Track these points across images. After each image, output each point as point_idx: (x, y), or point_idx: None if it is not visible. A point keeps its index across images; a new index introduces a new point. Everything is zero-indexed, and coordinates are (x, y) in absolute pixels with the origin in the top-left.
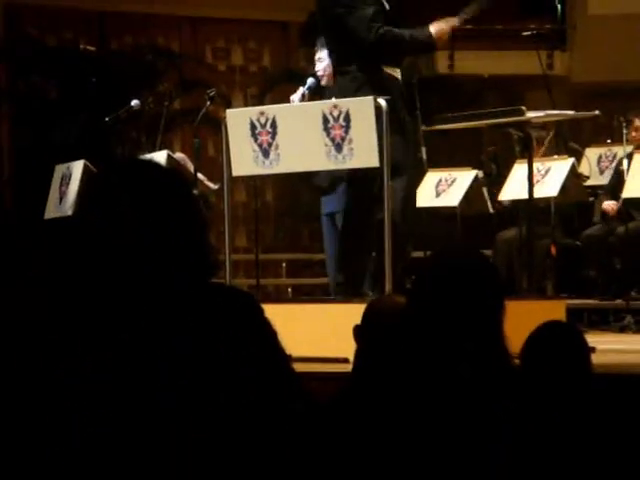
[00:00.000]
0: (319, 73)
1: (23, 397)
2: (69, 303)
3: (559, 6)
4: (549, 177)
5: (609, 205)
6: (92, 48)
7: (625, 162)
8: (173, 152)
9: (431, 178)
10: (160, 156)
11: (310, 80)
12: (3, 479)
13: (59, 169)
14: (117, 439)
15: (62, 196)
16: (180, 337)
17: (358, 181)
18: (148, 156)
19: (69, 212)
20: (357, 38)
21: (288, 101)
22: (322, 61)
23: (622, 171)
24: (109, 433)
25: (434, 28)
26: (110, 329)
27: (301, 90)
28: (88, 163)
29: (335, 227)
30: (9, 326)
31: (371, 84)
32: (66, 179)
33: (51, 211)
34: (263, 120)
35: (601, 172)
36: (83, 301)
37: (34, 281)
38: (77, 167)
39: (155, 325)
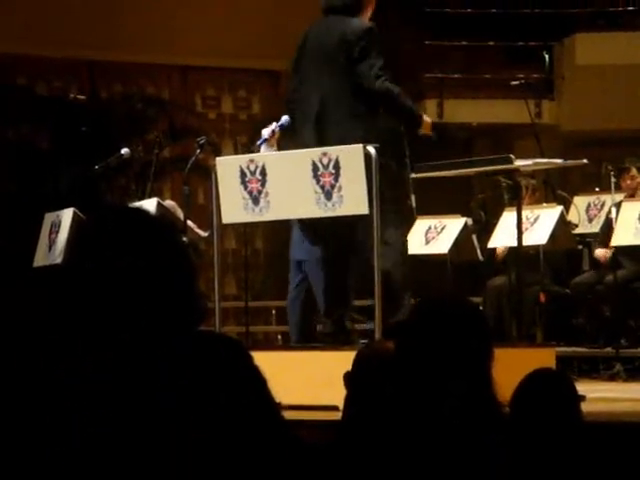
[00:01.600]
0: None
1: (23, 398)
2: (58, 349)
3: (547, 56)
4: (538, 225)
5: (601, 252)
6: (82, 97)
7: (614, 210)
8: (163, 200)
9: (421, 225)
10: (150, 204)
11: (284, 118)
12: (3, 479)
13: (48, 217)
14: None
15: (51, 244)
16: (167, 386)
17: (339, 229)
18: (138, 204)
19: (58, 260)
20: (361, 83)
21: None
22: None
23: (611, 219)
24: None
25: (424, 115)
26: (95, 378)
27: (273, 125)
28: (77, 211)
29: (302, 274)
30: (8, 329)
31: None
32: (55, 227)
33: (40, 259)
34: (253, 168)
35: (590, 220)
36: (69, 350)
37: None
38: (66, 215)
39: (142, 373)
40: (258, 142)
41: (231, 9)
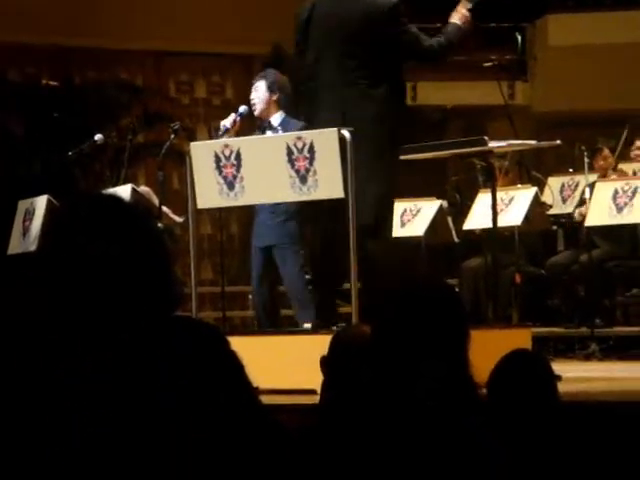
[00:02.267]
0: (253, 101)
1: (22, 398)
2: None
3: (519, 37)
4: (513, 206)
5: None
6: (55, 83)
7: (587, 191)
8: (137, 186)
9: (396, 208)
10: (124, 190)
11: (243, 107)
12: (3, 479)
13: (22, 204)
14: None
15: (25, 231)
16: (143, 371)
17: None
18: (112, 190)
19: (32, 247)
20: (417, 51)
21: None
22: (257, 90)
23: (585, 200)
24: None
25: (457, 19)
26: (71, 364)
27: (233, 116)
28: (52, 198)
29: (269, 260)
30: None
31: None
32: (29, 214)
33: (14, 246)
34: (227, 153)
35: (564, 201)
36: (44, 336)
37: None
38: (40, 202)
39: (118, 360)
40: (220, 132)
41: None
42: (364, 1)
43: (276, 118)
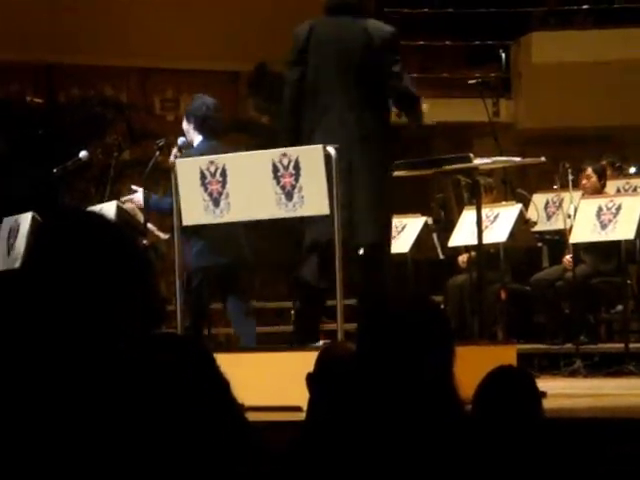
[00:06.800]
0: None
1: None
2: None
3: (503, 55)
4: (498, 223)
5: (567, 259)
6: (39, 100)
7: (572, 208)
8: (123, 203)
9: None
10: (110, 207)
11: (181, 140)
12: (3, 479)
13: (7, 222)
14: None
15: (10, 249)
16: (127, 389)
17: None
18: (97, 207)
19: (17, 265)
20: (402, 82)
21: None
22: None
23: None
24: None
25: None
26: (57, 379)
27: (174, 150)
28: (36, 215)
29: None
30: None
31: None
32: (14, 232)
33: None
34: (213, 169)
35: (548, 217)
36: (28, 352)
37: None
38: (25, 220)
39: (101, 378)
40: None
41: (188, 11)
42: (363, 26)
43: (197, 143)
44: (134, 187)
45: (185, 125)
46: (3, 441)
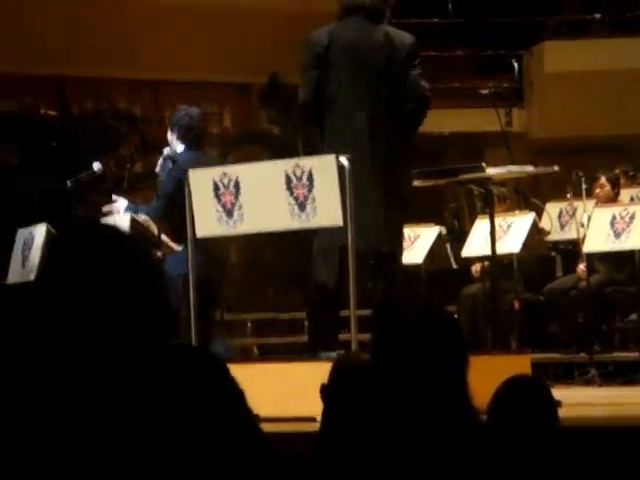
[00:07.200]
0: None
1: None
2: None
3: (516, 64)
4: (511, 233)
5: (581, 269)
6: (53, 113)
7: (585, 217)
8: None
9: None
10: (124, 219)
11: (166, 150)
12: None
13: (21, 233)
14: None
15: (25, 260)
16: (142, 399)
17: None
18: (111, 219)
19: (32, 276)
20: (419, 90)
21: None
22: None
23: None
24: None
25: None
26: (73, 391)
27: (160, 160)
28: (50, 227)
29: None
30: None
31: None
32: (28, 243)
33: (14, 275)
34: (226, 181)
35: (562, 227)
36: (44, 363)
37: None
38: (39, 231)
39: (115, 389)
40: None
41: (200, 24)
42: (384, 33)
43: (179, 152)
44: (114, 197)
45: (169, 135)
46: (9, 440)
